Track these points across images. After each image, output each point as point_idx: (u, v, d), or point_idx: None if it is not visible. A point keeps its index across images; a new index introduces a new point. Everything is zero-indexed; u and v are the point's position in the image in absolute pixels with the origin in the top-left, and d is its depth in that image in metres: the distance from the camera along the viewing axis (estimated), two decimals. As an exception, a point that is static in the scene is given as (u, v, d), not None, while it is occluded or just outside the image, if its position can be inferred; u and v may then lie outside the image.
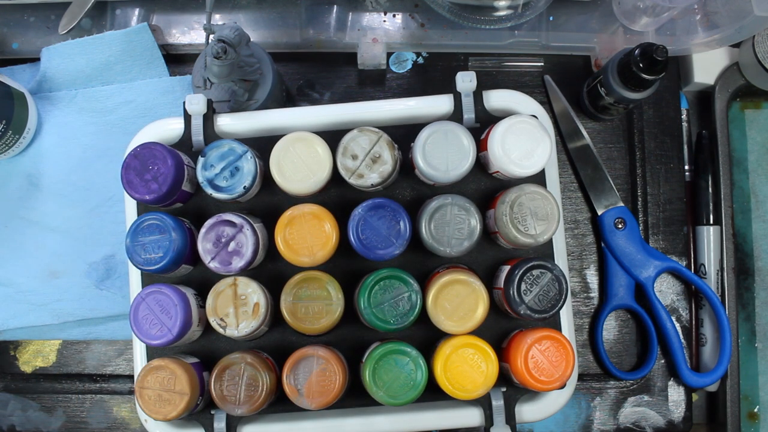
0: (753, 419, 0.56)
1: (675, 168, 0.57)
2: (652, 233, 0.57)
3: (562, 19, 0.56)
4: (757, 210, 0.59)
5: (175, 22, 0.57)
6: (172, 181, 0.43)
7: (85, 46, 0.55)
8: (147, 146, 0.44)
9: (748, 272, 0.58)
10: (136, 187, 0.43)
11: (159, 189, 0.43)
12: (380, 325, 0.41)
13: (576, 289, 0.57)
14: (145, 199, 0.43)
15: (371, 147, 0.43)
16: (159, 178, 0.43)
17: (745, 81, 0.58)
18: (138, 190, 0.43)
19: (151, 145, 0.44)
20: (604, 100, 0.54)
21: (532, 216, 0.42)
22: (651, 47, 0.48)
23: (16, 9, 0.57)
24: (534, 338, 0.42)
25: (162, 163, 0.43)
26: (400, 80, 0.59)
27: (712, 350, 0.56)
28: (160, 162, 0.43)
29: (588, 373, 0.56)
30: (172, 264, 0.43)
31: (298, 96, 0.58)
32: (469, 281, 0.42)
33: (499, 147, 0.42)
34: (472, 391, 0.41)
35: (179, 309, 0.42)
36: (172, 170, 0.43)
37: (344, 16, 0.56)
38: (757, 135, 0.59)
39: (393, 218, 0.42)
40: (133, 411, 0.55)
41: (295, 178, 0.43)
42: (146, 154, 0.43)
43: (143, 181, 0.43)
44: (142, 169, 0.43)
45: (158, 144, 0.44)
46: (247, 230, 0.42)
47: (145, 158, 0.43)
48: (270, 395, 0.41)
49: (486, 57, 0.59)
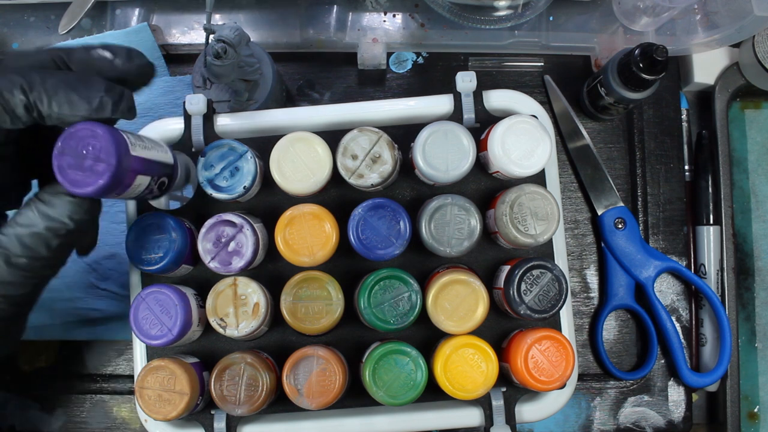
0: (753, 419, 0.56)
1: (675, 168, 0.57)
2: (652, 233, 0.57)
3: (562, 19, 0.56)
4: (757, 210, 0.59)
5: (175, 22, 0.57)
6: (116, 153, 0.35)
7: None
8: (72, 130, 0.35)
9: (748, 272, 0.58)
10: (77, 177, 0.34)
11: (108, 168, 0.34)
12: (380, 325, 0.41)
13: (576, 289, 0.57)
14: (99, 188, 0.34)
15: (371, 147, 0.43)
16: (101, 155, 0.34)
17: (745, 81, 0.58)
18: (80, 180, 0.34)
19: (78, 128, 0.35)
20: (604, 100, 0.54)
21: (532, 216, 0.42)
22: (651, 47, 0.48)
23: (16, 9, 0.57)
24: (534, 338, 0.42)
25: (94, 139, 0.35)
26: (400, 80, 0.59)
27: (712, 350, 0.56)
28: (92, 139, 0.35)
29: (588, 373, 0.56)
30: (172, 264, 0.43)
31: (298, 96, 0.58)
32: (469, 281, 0.42)
33: (499, 147, 0.42)
34: (472, 391, 0.41)
35: (179, 309, 0.42)
36: (110, 141, 0.34)
37: (344, 16, 0.56)
38: (757, 135, 0.59)
39: (393, 218, 0.42)
40: (133, 411, 0.55)
41: (295, 178, 0.43)
42: (73, 138, 0.35)
43: (83, 169, 0.34)
44: (77, 156, 0.34)
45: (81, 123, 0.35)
46: (247, 230, 0.42)
47: (75, 143, 0.35)
48: (270, 395, 0.41)
49: (486, 57, 0.59)
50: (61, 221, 0.34)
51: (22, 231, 0.34)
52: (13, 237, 0.34)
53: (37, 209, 0.34)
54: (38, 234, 0.34)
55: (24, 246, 0.34)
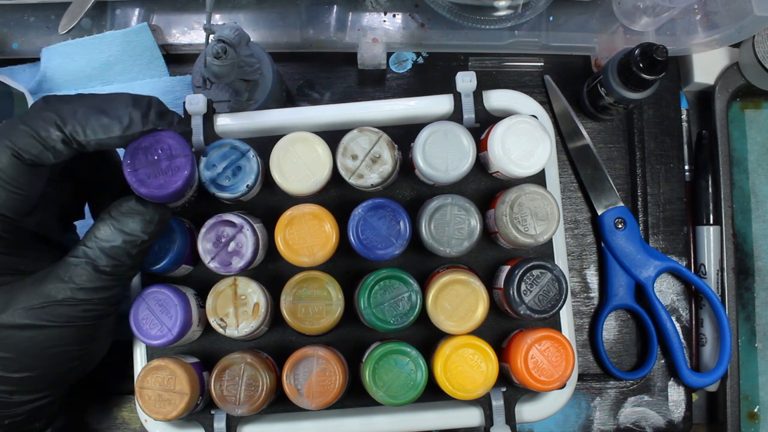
0: (753, 419, 0.56)
1: (675, 168, 0.57)
2: (652, 233, 0.57)
3: (562, 19, 0.56)
4: (757, 210, 0.59)
5: (175, 22, 0.57)
6: (185, 144, 0.39)
7: (85, 46, 0.55)
8: (149, 136, 0.38)
9: (748, 272, 0.58)
10: (161, 181, 0.38)
11: (186, 159, 0.38)
12: (380, 325, 0.41)
13: (576, 289, 0.57)
14: (186, 179, 0.38)
15: (371, 147, 0.43)
16: (173, 152, 0.38)
17: (745, 81, 0.58)
18: (166, 181, 0.38)
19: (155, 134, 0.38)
20: (604, 100, 0.54)
21: (532, 216, 0.42)
22: (651, 47, 0.48)
23: (16, 9, 0.57)
24: (534, 338, 0.42)
25: (159, 142, 0.38)
26: (400, 80, 0.59)
27: (712, 350, 0.56)
28: (157, 144, 0.38)
29: (588, 373, 0.56)
30: (172, 264, 0.43)
31: (298, 96, 0.58)
32: (469, 281, 0.42)
33: (499, 147, 0.42)
34: (472, 391, 0.41)
35: (179, 309, 0.42)
36: (174, 137, 0.38)
37: (344, 16, 0.56)
38: (757, 135, 0.59)
39: (393, 218, 0.42)
40: (133, 411, 0.55)
41: (295, 178, 0.43)
42: (149, 142, 0.38)
43: (163, 172, 0.38)
44: (151, 164, 0.38)
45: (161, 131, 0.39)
46: (247, 230, 0.42)
47: (143, 155, 0.38)
48: (270, 395, 0.41)
49: (486, 57, 0.59)
50: (136, 236, 0.38)
51: (105, 245, 0.38)
52: (98, 250, 0.38)
53: (113, 227, 0.38)
54: (119, 247, 0.38)
55: (108, 257, 0.38)
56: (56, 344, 0.38)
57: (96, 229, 0.38)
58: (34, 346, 0.38)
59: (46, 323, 0.37)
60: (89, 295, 0.38)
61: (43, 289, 0.38)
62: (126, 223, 0.38)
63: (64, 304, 0.38)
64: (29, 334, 0.37)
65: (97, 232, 0.38)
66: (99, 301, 0.38)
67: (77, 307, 0.38)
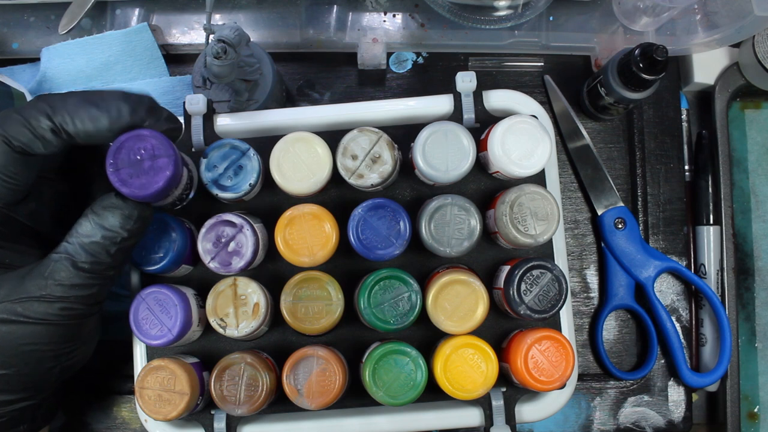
0: (753, 419, 0.56)
1: (675, 168, 0.57)
2: (652, 233, 0.57)
3: (562, 19, 0.56)
4: (757, 210, 0.59)
5: (175, 22, 0.57)
6: (169, 143, 0.38)
7: (85, 46, 0.55)
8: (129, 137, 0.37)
9: (748, 272, 0.58)
10: (142, 181, 0.37)
11: (169, 159, 0.37)
12: (380, 325, 0.41)
13: (576, 289, 0.57)
14: (168, 179, 0.37)
15: (371, 147, 0.43)
16: (156, 152, 0.37)
17: (745, 81, 0.58)
18: (147, 182, 0.37)
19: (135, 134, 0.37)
20: (604, 100, 0.54)
21: (532, 216, 0.42)
22: (651, 47, 0.48)
23: (16, 9, 0.57)
24: (534, 338, 0.42)
25: (142, 141, 0.37)
26: (400, 80, 0.59)
27: (712, 350, 0.56)
28: (140, 143, 0.37)
29: (588, 373, 0.56)
30: (172, 264, 0.43)
31: (298, 96, 0.58)
32: (469, 281, 0.42)
33: (499, 147, 0.42)
34: (472, 391, 0.41)
35: (179, 309, 0.42)
36: (158, 137, 0.37)
37: (344, 16, 0.56)
38: (757, 135, 0.59)
39: (393, 218, 0.42)
40: (133, 411, 0.55)
41: (295, 178, 0.43)
42: (128, 143, 0.37)
43: (145, 171, 0.37)
44: (133, 163, 0.37)
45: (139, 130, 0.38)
46: (247, 230, 0.42)
47: (126, 154, 0.37)
48: (270, 395, 0.41)
49: (486, 57, 0.59)
50: (115, 232, 0.38)
51: (84, 240, 0.37)
52: (77, 245, 0.37)
53: (93, 221, 0.37)
54: (97, 242, 0.37)
55: (87, 253, 0.37)
56: (32, 342, 0.37)
57: (78, 225, 0.38)
58: (9, 342, 0.37)
59: (22, 319, 0.37)
60: (66, 292, 0.37)
61: (23, 283, 0.37)
62: (106, 217, 0.37)
63: (40, 300, 0.37)
64: (5, 329, 0.37)
65: (79, 227, 0.38)
66: (76, 299, 0.38)
67: (54, 305, 0.37)
